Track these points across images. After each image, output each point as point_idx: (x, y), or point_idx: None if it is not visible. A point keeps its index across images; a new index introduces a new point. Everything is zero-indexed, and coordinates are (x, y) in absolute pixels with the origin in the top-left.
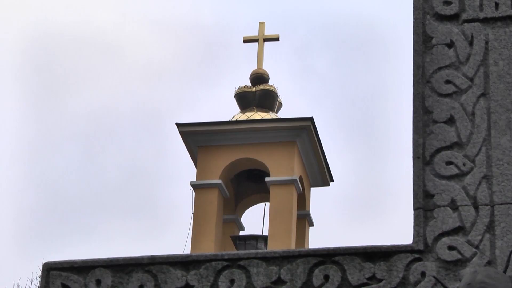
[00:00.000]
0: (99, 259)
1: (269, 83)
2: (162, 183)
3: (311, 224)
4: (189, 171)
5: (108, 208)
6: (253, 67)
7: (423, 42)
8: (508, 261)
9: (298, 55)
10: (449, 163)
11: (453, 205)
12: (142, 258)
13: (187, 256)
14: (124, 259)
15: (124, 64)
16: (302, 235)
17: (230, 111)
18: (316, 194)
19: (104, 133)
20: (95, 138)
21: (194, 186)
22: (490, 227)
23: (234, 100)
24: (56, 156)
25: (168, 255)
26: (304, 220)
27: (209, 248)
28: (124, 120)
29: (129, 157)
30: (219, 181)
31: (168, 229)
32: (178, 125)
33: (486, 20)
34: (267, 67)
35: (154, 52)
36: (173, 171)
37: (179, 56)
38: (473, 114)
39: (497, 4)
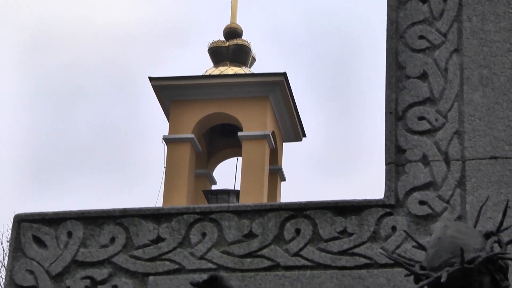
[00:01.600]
0: (70, 211)
1: (242, 37)
2: (134, 137)
3: (283, 179)
4: (162, 126)
5: (80, 163)
6: (226, 21)
7: None
8: (479, 216)
9: (271, 10)
10: (421, 118)
11: (425, 160)
12: (114, 210)
13: (158, 209)
14: (96, 211)
15: (94, 19)
16: (274, 190)
17: (203, 65)
18: (288, 149)
19: (74, 89)
20: (66, 94)
21: (167, 140)
22: (461, 182)
23: (208, 55)
24: (26, 113)
25: (140, 208)
26: (276, 175)
27: (181, 202)
28: (95, 76)
29: (101, 111)
30: (192, 136)
31: (140, 183)
32: (151, 79)
33: None
34: (240, 22)
35: (126, 6)
36: (145, 126)
37: (152, 10)
38: (446, 69)
39: None
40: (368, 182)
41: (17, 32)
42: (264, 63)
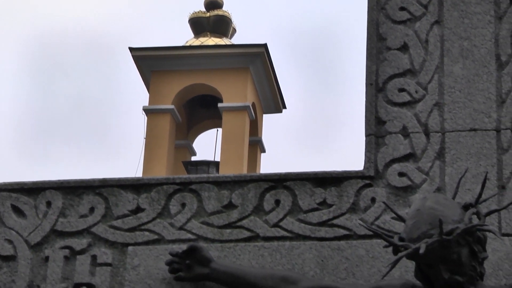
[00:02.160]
0: (49, 181)
1: (223, 8)
2: (114, 108)
3: (263, 151)
4: (142, 96)
5: (59, 133)
6: None
7: None
8: (457, 187)
9: None
10: (402, 90)
11: (405, 132)
12: (93, 180)
13: (138, 179)
14: (75, 181)
15: None
16: (253, 161)
17: (184, 36)
18: (269, 121)
19: (53, 59)
20: (45, 65)
21: (147, 111)
22: (440, 154)
23: (188, 25)
24: (5, 84)
25: (120, 178)
26: (256, 146)
27: (161, 173)
28: (74, 46)
29: (80, 82)
30: (172, 106)
31: (120, 154)
32: (131, 49)
33: None
34: None
35: None
36: (125, 96)
37: None
38: (426, 41)
39: None
40: (348, 153)
41: None
42: (244, 34)
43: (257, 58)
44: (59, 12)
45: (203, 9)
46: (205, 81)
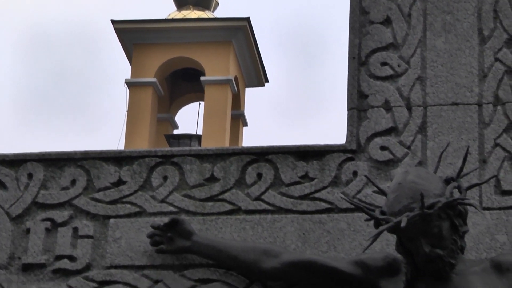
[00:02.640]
0: (31, 153)
1: None
2: (96, 81)
3: (245, 124)
4: (124, 69)
5: (41, 106)
6: None
7: None
8: (439, 161)
9: None
10: (384, 64)
11: (387, 106)
12: (75, 153)
13: (120, 152)
14: (57, 153)
15: None
16: (236, 135)
17: (166, 9)
18: (251, 95)
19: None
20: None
21: (129, 84)
22: (422, 128)
23: None
24: None
25: (101, 150)
26: (238, 120)
27: (143, 146)
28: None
29: (62, 54)
30: (154, 80)
31: (102, 127)
32: (113, 22)
33: None
34: None
35: None
36: (107, 69)
37: None
38: (409, 15)
39: None
40: (330, 127)
41: None
42: (227, 7)
43: (239, 31)
44: None
45: None
46: (188, 54)
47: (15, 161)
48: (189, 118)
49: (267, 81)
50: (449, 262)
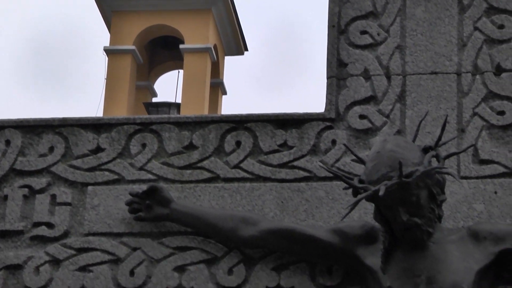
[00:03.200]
0: (9, 119)
1: None
2: (75, 48)
3: (224, 93)
4: (103, 36)
5: (20, 74)
6: None
7: None
8: (418, 130)
9: None
10: (364, 32)
11: (366, 75)
12: (53, 119)
13: (98, 119)
14: (35, 120)
15: None
16: (215, 104)
17: None
18: (230, 63)
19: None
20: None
21: (108, 51)
22: (401, 97)
23: None
24: None
25: (80, 117)
26: (218, 88)
27: (122, 114)
28: None
29: (40, 21)
30: (133, 47)
31: (81, 95)
32: None
33: None
34: None
35: None
36: (86, 36)
37: None
38: None
39: None
40: (309, 96)
41: None
42: None
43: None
44: None
45: None
46: (167, 22)
47: None
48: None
49: (246, 49)
50: (427, 230)
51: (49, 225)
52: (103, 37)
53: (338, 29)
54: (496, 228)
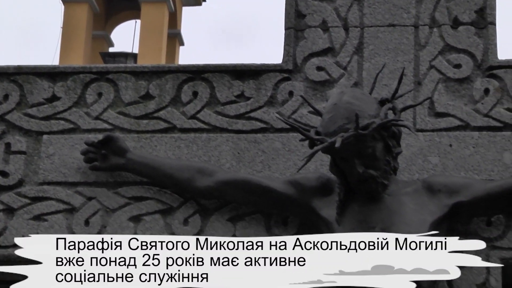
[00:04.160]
0: None
1: None
2: None
3: (182, 44)
4: None
5: None
6: None
7: None
8: (374, 83)
9: None
10: None
11: (324, 26)
12: (8, 67)
13: (54, 67)
14: None
15: None
16: (172, 54)
17: None
18: (188, 14)
19: None
20: None
21: (64, 0)
22: (358, 49)
23: None
24: None
25: (35, 65)
26: (175, 39)
27: (78, 63)
28: None
29: None
30: None
31: (37, 43)
32: None
33: None
34: None
35: None
36: None
37: None
38: None
39: None
40: (267, 47)
41: None
42: None
43: None
44: None
45: None
46: None
47: None
48: (125, 37)
49: (204, 0)
50: (382, 182)
51: (4, 174)
52: None
53: None
54: (451, 181)
